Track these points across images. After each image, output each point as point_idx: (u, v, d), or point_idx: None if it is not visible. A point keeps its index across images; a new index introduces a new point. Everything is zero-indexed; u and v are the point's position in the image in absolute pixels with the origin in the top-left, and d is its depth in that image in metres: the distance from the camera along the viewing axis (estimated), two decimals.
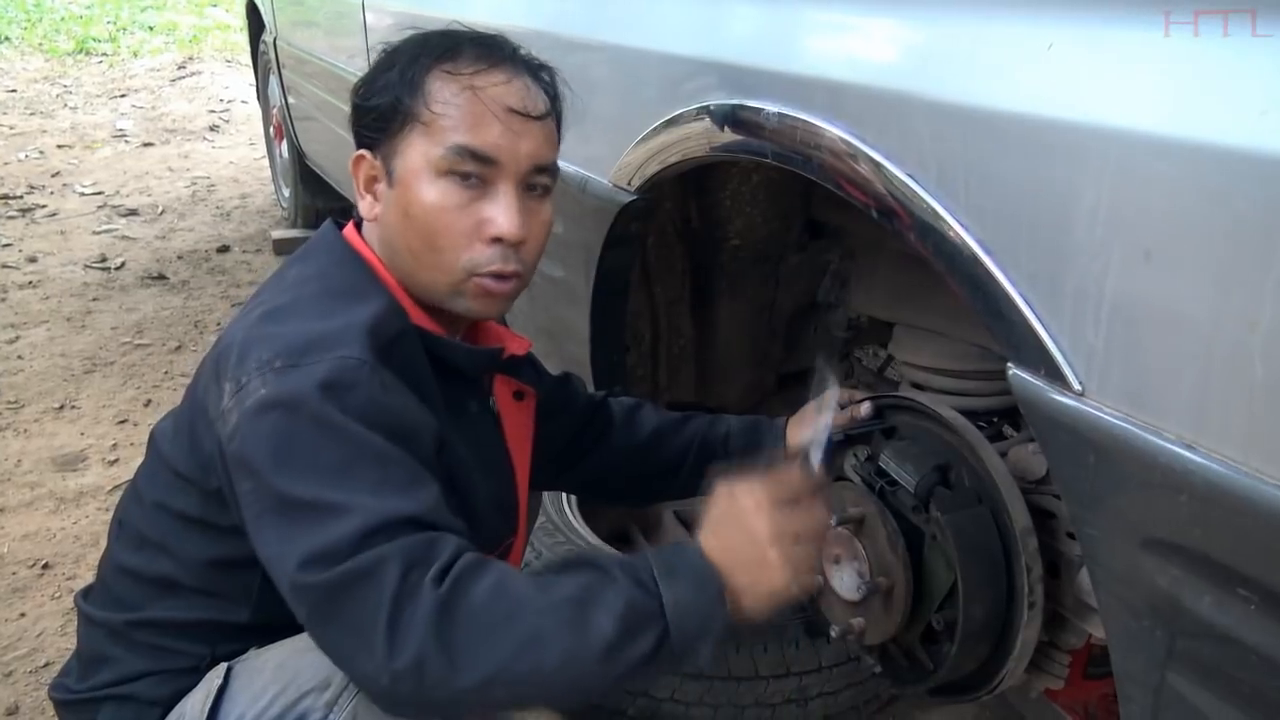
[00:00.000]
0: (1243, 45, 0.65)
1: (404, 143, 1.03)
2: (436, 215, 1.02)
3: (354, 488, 0.87)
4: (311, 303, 0.99)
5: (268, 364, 0.91)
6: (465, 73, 1.02)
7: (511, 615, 0.85)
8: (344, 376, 0.90)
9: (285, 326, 0.95)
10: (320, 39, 3.17)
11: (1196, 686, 0.73)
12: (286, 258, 1.15)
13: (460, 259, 1.03)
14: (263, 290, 1.08)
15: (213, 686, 0.99)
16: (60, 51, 8.15)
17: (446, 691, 0.83)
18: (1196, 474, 0.68)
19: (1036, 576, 1.10)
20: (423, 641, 0.82)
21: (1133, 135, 0.70)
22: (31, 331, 3.32)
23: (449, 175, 1.01)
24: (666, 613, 0.86)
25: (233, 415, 0.91)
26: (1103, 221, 0.72)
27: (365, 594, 0.84)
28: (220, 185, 5.17)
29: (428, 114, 1.02)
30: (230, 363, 0.94)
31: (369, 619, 0.83)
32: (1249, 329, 0.64)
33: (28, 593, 2.02)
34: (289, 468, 0.88)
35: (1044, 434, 0.81)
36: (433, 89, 1.02)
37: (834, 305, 1.71)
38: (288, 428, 0.88)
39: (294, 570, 0.86)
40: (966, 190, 0.83)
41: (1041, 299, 0.78)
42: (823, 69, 1.00)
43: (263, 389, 0.90)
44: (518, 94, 1.04)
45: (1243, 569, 0.67)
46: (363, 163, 1.07)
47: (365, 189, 1.08)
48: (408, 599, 0.83)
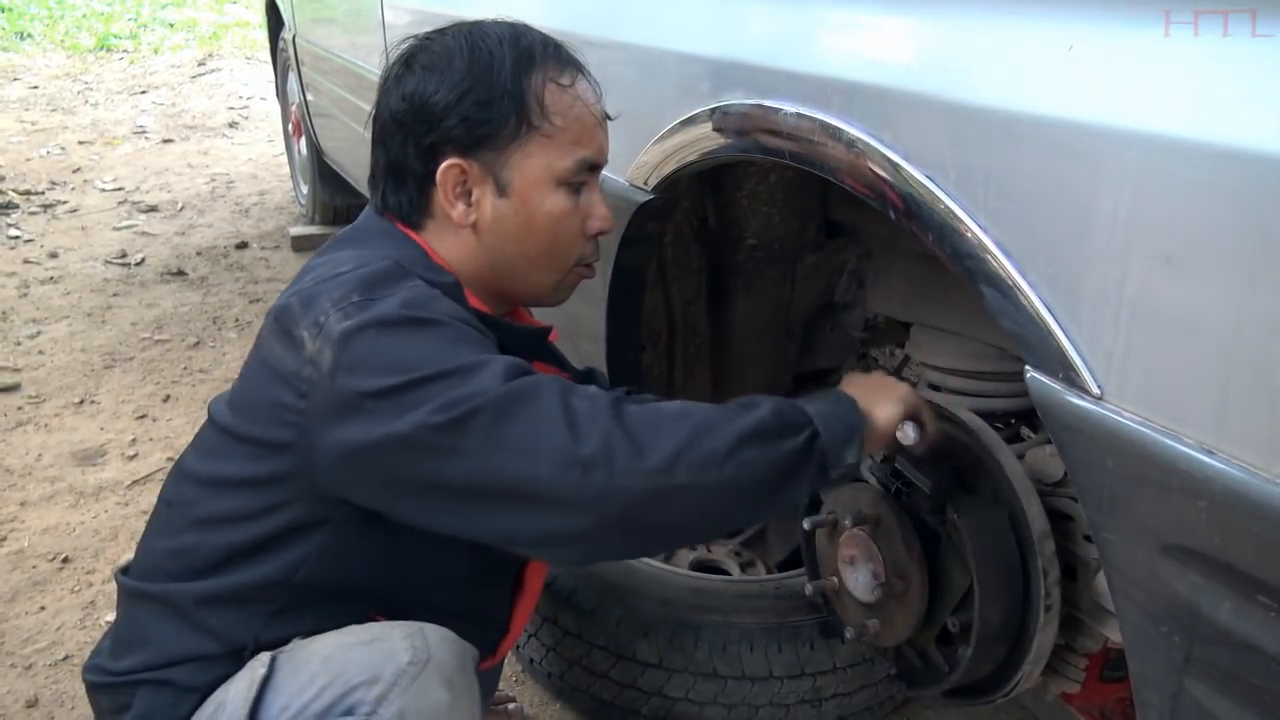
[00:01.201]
0: (1268, 48, 0.64)
1: (519, 153, 1.06)
2: (560, 223, 1.09)
3: (471, 353, 0.93)
4: (377, 262, 1.01)
5: (343, 299, 0.94)
6: (569, 83, 1.08)
7: (681, 410, 0.95)
8: (420, 296, 0.95)
9: (352, 273, 0.98)
10: (339, 36, 3.18)
11: (1215, 694, 0.73)
12: (324, 244, 1.14)
13: (570, 256, 1.13)
14: (313, 269, 1.06)
15: (257, 675, 0.98)
16: (81, 48, 8.21)
17: (636, 476, 0.88)
18: (1216, 480, 0.67)
19: (1053, 580, 1.10)
20: (607, 430, 0.89)
21: (1154, 138, 0.69)
22: (52, 326, 3.35)
23: (567, 185, 1.08)
24: (814, 419, 0.97)
25: (325, 352, 0.92)
26: (1123, 225, 0.72)
27: (533, 405, 0.89)
28: (239, 182, 5.19)
29: (549, 127, 1.06)
30: (297, 315, 0.96)
31: (545, 422, 0.89)
32: (1271, 334, 0.63)
33: (47, 586, 2.04)
34: (404, 364, 0.90)
35: (1062, 438, 0.80)
36: (551, 101, 1.06)
37: (851, 305, 1.71)
38: (385, 339, 0.92)
39: (442, 416, 0.88)
40: (985, 192, 0.83)
41: (1060, 302, 0.78)
42: (840, 69, 1.00)
43: (346, 320, 0.92)
44: (599, 99, 1.13)
45: (1263, 576, 0.67)
46: (454, 171, 1.06)
47: (456, 196, 1.08)
48: (579, 404, 0.91)
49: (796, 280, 1.68)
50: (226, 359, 3.13)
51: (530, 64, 1.06)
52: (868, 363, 1.69)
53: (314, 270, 1.05)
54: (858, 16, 1.02)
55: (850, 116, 0.97)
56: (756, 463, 0.93)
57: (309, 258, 1.12)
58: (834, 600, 1.35)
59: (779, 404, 0.97)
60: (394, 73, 1.10)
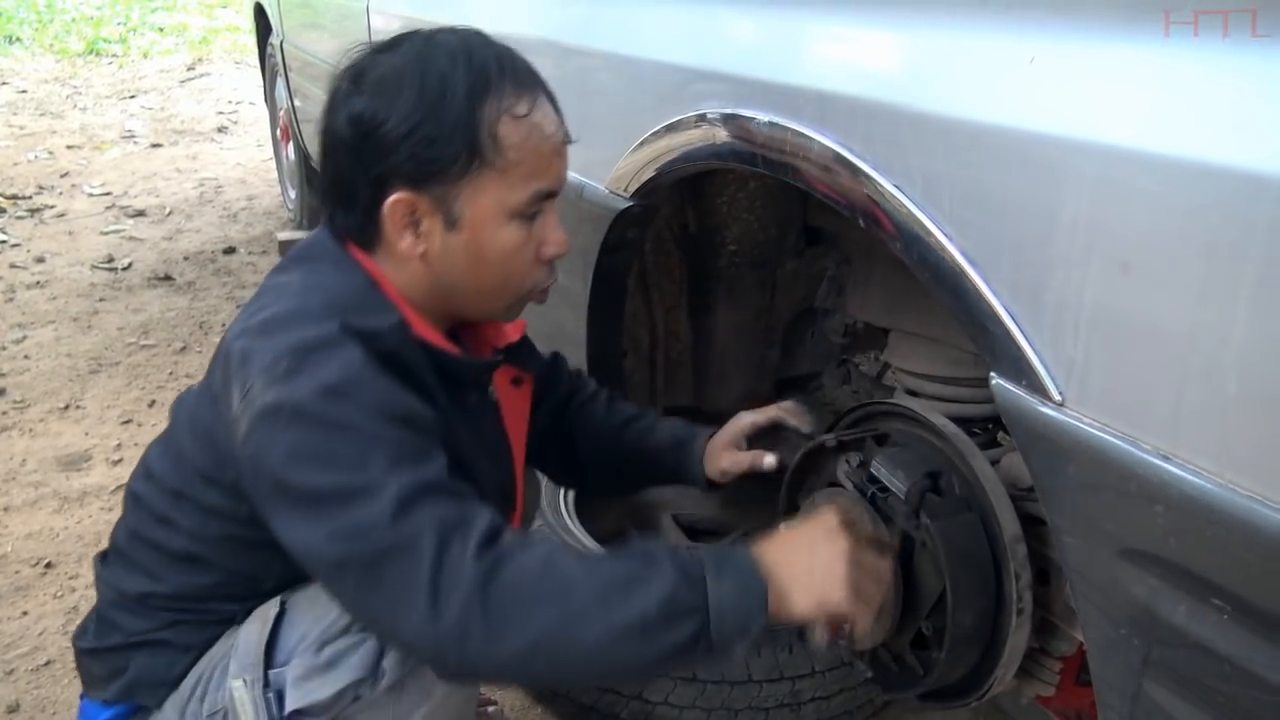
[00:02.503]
0: (1217, 61, 0.66)
1: (470, 187, 1.01)
2: (513, 255, 1.05)
3: (370, 471, 0.90)
4: (316, 312, 0.98)
5: (270, 367, 0.93)
6: (525, 113, 1.02)
7: (555, 590, 0.89)
8: (346, 377, 0.92)
9: (287, 333, 0.96)
10: (326, 42, 3.18)
11: (1172, 695, 0.74)
12: (282, 259, 1.14)
13: (525, 284, 1.09)
14: (265, 294, 1.06)
15: (269, 614, 1.03)
16: (71, 52, 8.19)
17: (489, 660, 0.88)
18: (1172, 485, 0.69)
19: (1025, 583, 1.11)
20: (466, 604, 0.86)
21: (1111, 149, 0.70)
22: (38, 331, 3.35)
23: (520, 217, 1.04)
24: (710, 608, 0.90)
25: (243, 420, 0.93)
26: (1082, 233, 0.73)
27: (405, 562, 0.88)
28: (227, 187, 5.19)
29: (502, 161, 1.01)
30: (235, 370, 0.96)
31: (412, 584, 0.87)
32: (1222, 342, 0.64)
33: (30, 591, 2.04)
34: (305, 466, 0.90)
35: (1025, 443, 0.81)
36: (504, 135, 1.00)
37: (831, 311, 1.72)
38: (298, 430, 0.91)
39: (327, 551, 0.90)
40: (950, 201, 0.84)
41: (1023, 310, 0.79)
42: (811, 79, 1.01)
43: (267, 394, 0.91)
44: (558, 121, 1.07)
45: (1217, 579, 0.68)
46: (401, 204, 1.01)
47: (402, 228, 1.03)
48: (450, 565, 0.88)
49: (777, 286, 1.70)
50: None
51: (484, 93, 1.00)
52: (847, 370, 1.70)
53: (263, 297, 1.04)
54: (830, 28, 1.04)
55: (821, 126, 0.98)
56: (628, 654, 0.90)
57: (265, 278, 1.11)
58: None
59: (673, 585, 0.90)
60: (342, 89, 1.04)
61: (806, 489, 1.36)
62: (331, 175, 1.07)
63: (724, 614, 0.91)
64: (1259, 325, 0.63)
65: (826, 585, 0.95)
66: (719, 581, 0.92)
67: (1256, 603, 0.66)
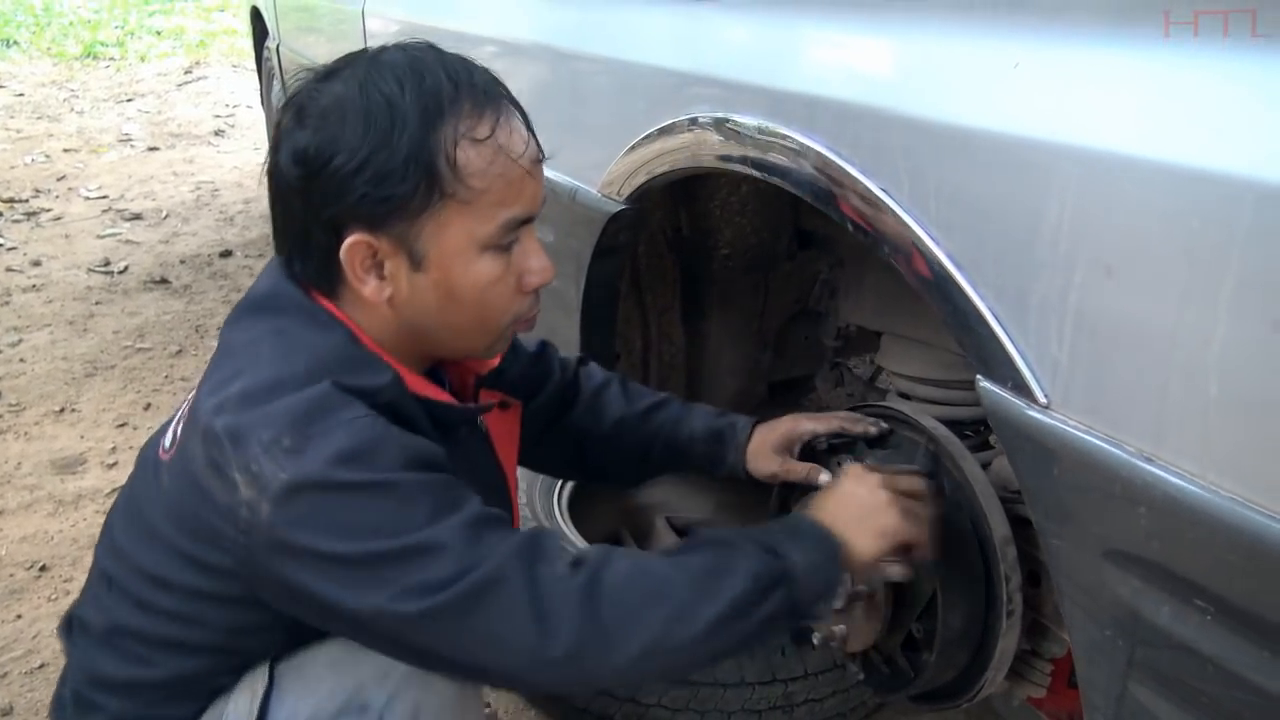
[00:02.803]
0: (1199, 67, 0.66)
1: (434, 223, 0.92)
2: (488, 290, 0.97)
3: (420, 524, 0.86)
4: (301, 376, 0.92)
5: (274, 444, 0.86)
6: (487, 135, 0.93)
7: (654, 590, 0.90)
8: (361, 440, 0.87)
9: (276, 402, 0.89)
10: (322, 45, 3.19)
11: (1156, 696, 0.75)
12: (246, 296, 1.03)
13: (506, 318, 1.01)
14: (233, 355, 0.97)
15: (258, 689, 0.97)
16: (68, 56, 8.20)
17: (607, 669, 0.88)
18: (1155, 486, 0.69)
19: (1015, 585, 1.11)
20: (578, 626, 0.86)
21: (1094, 153, 0.71)
22: (34, 335, 3.35)
23: (493, 248, 0.96)
24: (793, 573, 0.94)
25: (261, 506, 0.86)
26: (1066, 237, 0.73)
27: (499, 597, 0.86)
28: (224, 190, 5.19)
29: (465, 191, 0.92)
30: (226, 452, 0.88)
31: (512, 619, 0.86)
32: (1204, 344, 0.65)
33: (24, 594, 2.04)
34: (350, 537, 0.86)
35: (1011, 446, 0.82)
36: (465, 162, 0.91)
37: (823, 314, 1.73)
38: (328, 505, 0.86)
39: (405, 609, 0.85)
40: (937, 205, 0.84)
41: (1008, 312, 0.79)
42: (801, 84, 1.02)
43: (282, 473, 0.85)
44: (526, 138, 0.97)
45: (1199, 580, 0.68)
46: (360, 247, 0.93)
47: (364, 272, 0.95)
48: (547, 587, 0.87)
49: (770, 290, 1.70)
50: None
51: (438, 116, 0.91)
52: (840, 373, 1.71)
53: (233, 360, 0.96)
54: (819, 34, 1.04)
55: (810, 130, 0.99)
56: (732, 636, 0.92)
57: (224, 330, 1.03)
58: None
59: (755, 562, 0.93)
60: (284, 125, 0.95)
61: (798, 491, 1.37)
62: (282, 219, 0.99)
63: (807, 576, 0.95)
64: (1240, 328, 0.63)
65: (879, 518, 1.01)
66: (795, 548, 0.96)
67: (1238, 603, 0.67)
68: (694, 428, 1.31)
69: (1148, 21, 0.70)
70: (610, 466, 1.37)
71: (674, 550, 0.99)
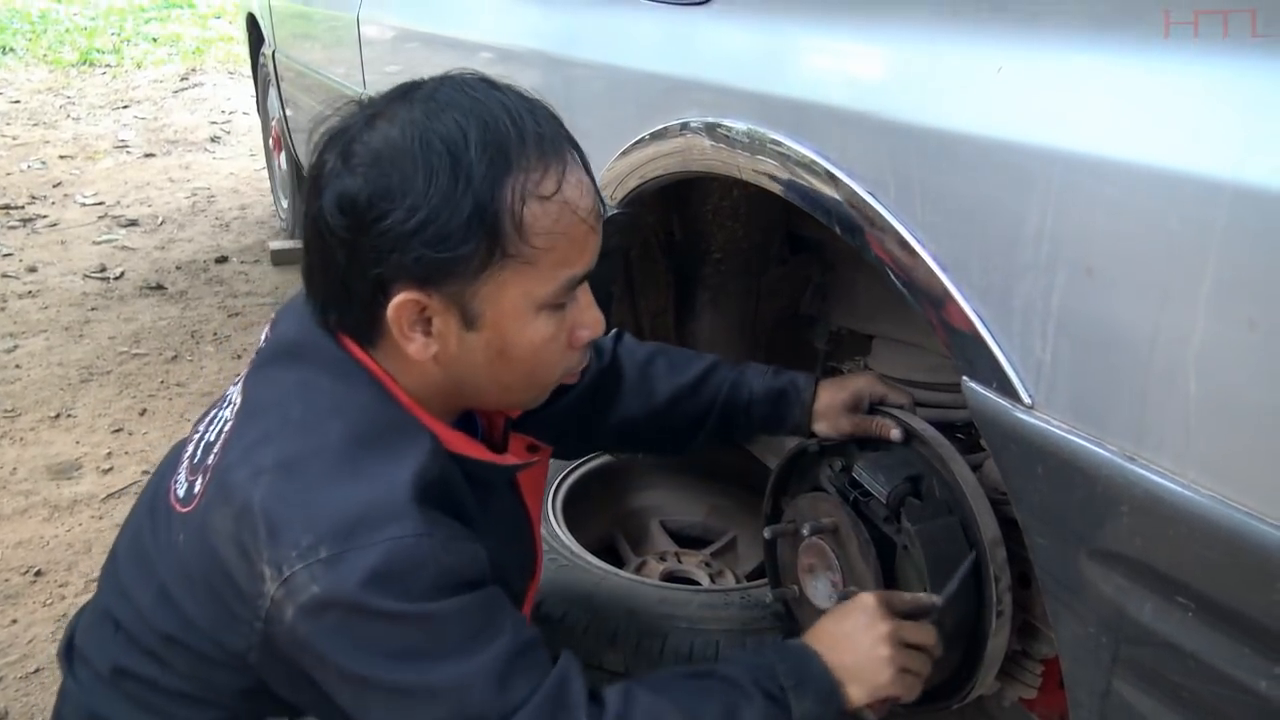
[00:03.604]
0: (1177, 71, 0.67)
1: (493, 283, 0.87)
2: (543, 348, 0.92)
3: (449, 656, 0.85)
4: (340, 455, 0.87)
5: (310, 551, 0.83)
6: (553, 191, 0.87)
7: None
8: (401, 563, 0.83)
9: (317, 493, 0.85)
10: (317, 52, 3.20)
11: (1140, 693, 0.75)
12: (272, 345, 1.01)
13: (554, 375, 0.98)
14: (264, 411, 0.94)
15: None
16: (64, 63, 8.20)
17: None
18: (1136, 485, 0.70)
19: (1005, 586, 1.12)
20: None
21: (1075, 156, 0.72)
22: (30, 341, 3.35)
23: (551, 307, 0.91)
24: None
25: (287, 608, 0.84)
26: (1048, 239, 0.74)
27: None
28: (220, 196, 5.20)
29: (529, 251, 0.86)
30: (260, 540, 0.85)
31: None
32: (1182, 344, 0.66)
33: (20, 600, 2.04)
34: (375, 662, 0.84)
35: (996, 446, 0.83)
36: (531, 221, 0.86)
37: (815, 318, 1.73)
38: (357, 625, 0.84)
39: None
40: (922, 207, 0.85)
41: (993, 314, 0.80)
42: (788, 88, 1.03)
43: (314, 586, 0.82)
44: (588, 189, 0.92)
45: (1181, 578, 0.69)
46: (410, 306, 0.88)
47: (410, 329, 0.89)
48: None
49: (761, 293, 1.71)
50: (204, 373, 3.13)
51: (505, 172, 0.84)
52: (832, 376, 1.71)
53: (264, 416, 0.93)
54: (806, 39, 1.05)
55: (798, 134, 1.00)
56: None
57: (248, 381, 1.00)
58: (795, 608, 1.37)
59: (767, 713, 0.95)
60: (330, 166, 0.88)
61: (790, 493, 1.37)
62: (320, 266, 0.92)
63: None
64: (1218, 328, 0.64)
65: (875, 674, 1.01)
66: (801, 700, 0.96)
67: (1218, 600, 0.67)
68: (753, 389, 1.28)
69: (1126, 26, 0.71)
70: (665, 439, 1.35)
71: (688, 680, 0.98)
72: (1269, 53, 0.62)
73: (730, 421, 1.30)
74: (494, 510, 1.04)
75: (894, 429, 1.21)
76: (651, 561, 1.83)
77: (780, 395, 1.28)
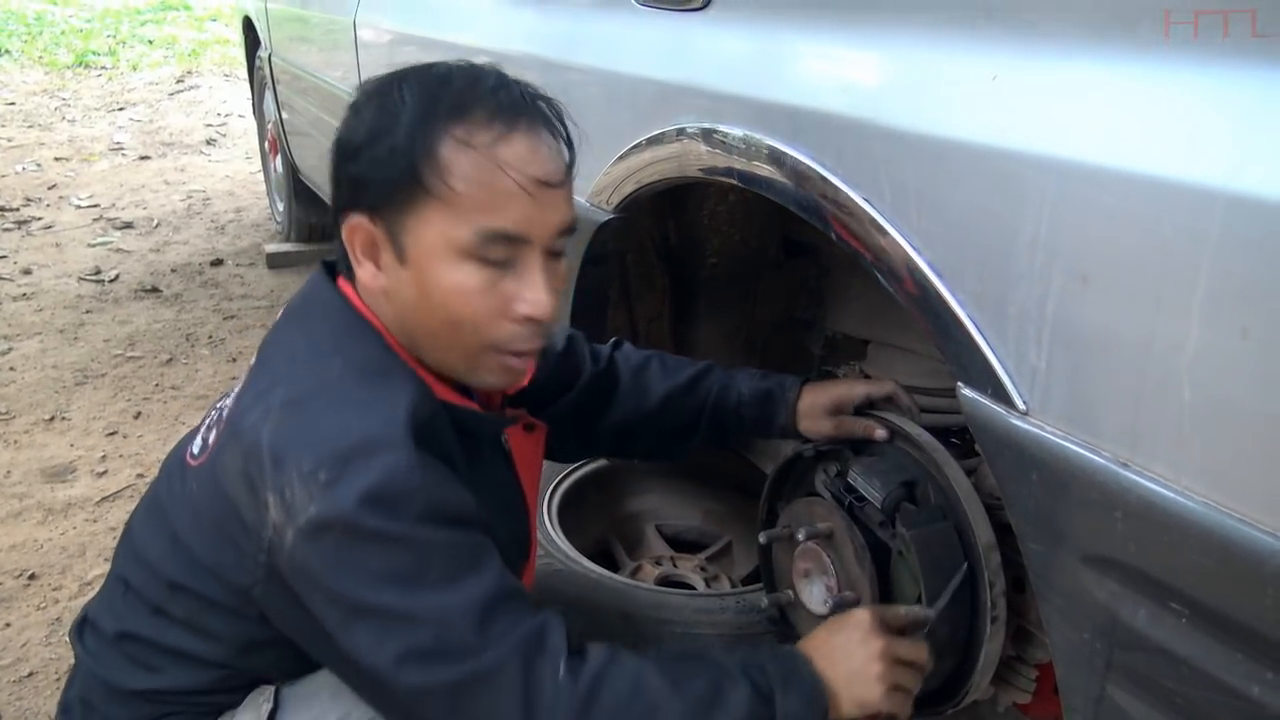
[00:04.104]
0: (1172, 80, 0.68)
1: (416, 218, 0.92)
2: (461, 298, 0.94)
3: (432, 587, 0.88)
4: (340, 390, 0.94)
5: (311, 475, 0.87)
6: (484, 141, 0.91)
7: (649, 714, 0.91)
8: (393, 486, 0.87)
9: (319, 425, 0.91)
10: (314, 55, 3.20)
11: (1134, 698, 0.76)
12: (285, 307, 1.08)
13: (483, 339, 0.97)
14: (272, 358, 1.01)
15: (262, 711, 0.99)
16: (60, 65, 8.19)
17: None
18: (1130, 491, 0.70)
19: (999, 591, 1.12)
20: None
21: (1070, 164, 0.72)
22: (24, 343, 3.34)
23: (477, 259, 0.93)
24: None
25: (287, 532, 0.88)
26: (1043, 246, 0.75)
27: (492, 691, 0.87)
28: (215, 199, 5.19)
29: (445, 189, 0.91)
30: (265, 470, 0.90)
31: (503, 713, 0.87)
32: (1176, 351, 0.66)
33: (13, 603, 2.04)
34: (363, 583, 0.87)
35: (991, 452, 0.83)
36: (449, 160, 0.91)
37: (811, 322, 1.74)
38: (350, 545, 0.87)
39: (402, 677, 0.88)
40: (918, 214, 0.86)
41: (988, 320, 0.81)
42: (785, 95, 1.03)
43: (312, 506, 0.87)
44: (541, 159, 0.94)
45: (1174, 583, 0.70)
46: (359, 229, 0.96)
47: (364, 255, 0.97)
48: (542, 694, 0.88)
49: (757, 298, 1.71)
50: (199, 376, 3.13)
51: (435, 115, 0.92)
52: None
53: (271, 363, 1.00)
54: (803, 45, 1.06)
55: (794, 140, 1.00)
56: None
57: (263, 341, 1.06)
58: (790, 613, 1.37)
59: (749, 703, 0.94)
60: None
61: (785, 498, 1.38)
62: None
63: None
64: (1211, 335, 0.64)
65: (866, 689, 1.00)
66: (786, 697, 0.96)
67: (1212, 606, 0.68)
68: (741, 391, 1.30)
69: (1122, 34, 0.71)
70: (660, 443, 1.36)
71: (676, 659, 0.99)
72: (1263, 61, 0.63)
73: (721, 423, 1.32)
74: (485, 473, 1.07)
75: (878, 429, 1.22)
76: (647, 566, 1.83)
77: (766, 396, 1.30)
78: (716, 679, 0.95)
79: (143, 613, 1.03)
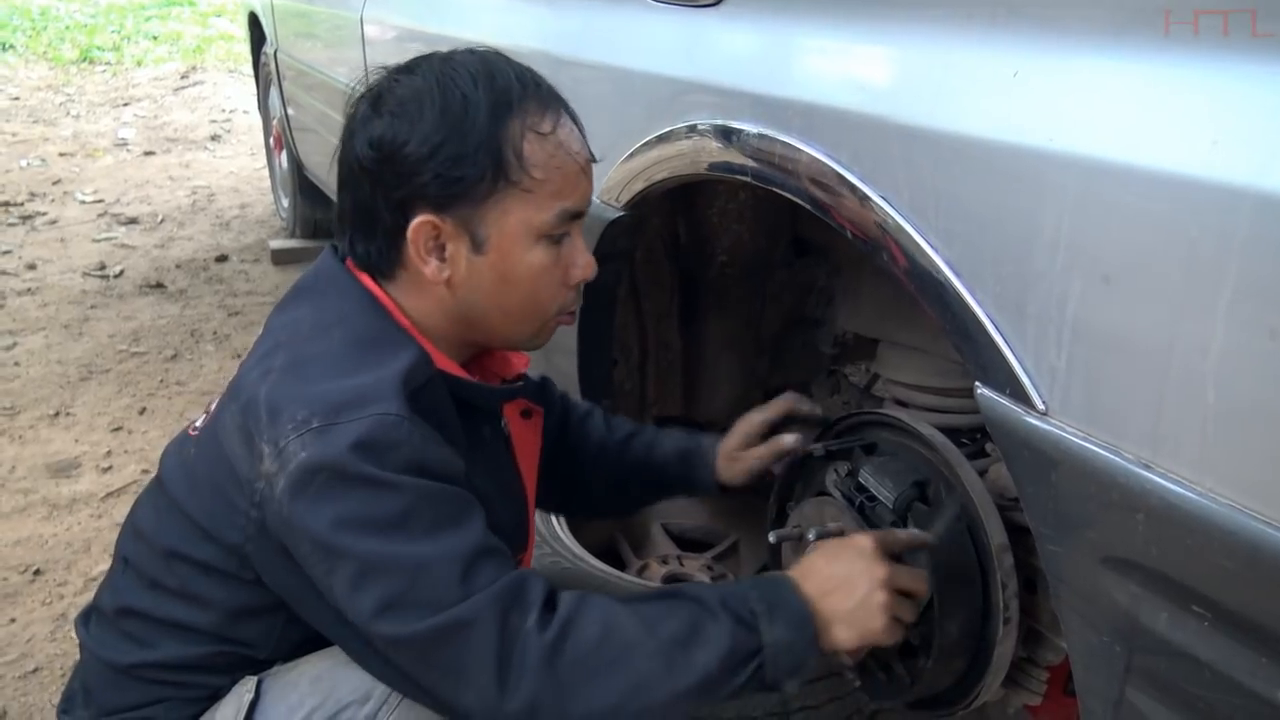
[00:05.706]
0: (1197, 76, 0.67)
1: (496, 208, 0.98)
2: (540, 277, 1.02)
3: (415, 537, 0.90)
4: (339, 354, 0.98)
5: (304, 424, 0.91)
6: (549, 130, 1.00)
7: (620, 658, 0.91)
8: (382, 435, 0.90)
9: (315, 382, 0.94)
10: (319, 51, 3.20)
11: (1154, 702, 0.75)
12: (292, 286, 1.11)
13: (549, 308, 1.06)
14: (275, 331, 1.04)
15: (244, 701, 1.01)
16: (64, 60, 8.19)
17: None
18: (1153, 493, 0.69)
19: (1011, 592, 1.11)
20: (537, 685, 0.88)
21: (1092, 162, 0.71)
22: (29, 338, 3.34)
23: (548, 238, 1.01)
24: (765, 651, 0.94)
25: (278, 480, 0.91)
26: (1064, 246, 0.74)
27: (467, 642, 0.88)
28: (220, 195, 5.19)
29: (529, 180, 0.98)
30: (261, 422, 0.93)
31: (475, 664, 0.88)
32: (1200, 352, 0.65)
33: (18, 599, 2.03)
34: (347, 528, 0.89)
35: (1009, 452, 0.82)
36: (530, 153, 0.98)
37: (820, 321, 1.73)
38: (337, 490, 0.89)
39: (381, 626, 0.89)
40: (936, 213, 0.85)
41: (1007, 320, 0.80)
42: (800, 92, 1.02)
43: (303, 451, 0.90)
44: (582, 140, 1.05)
45: (1197, 587, 0.69)
46: (426, 228, 0.99)
47: (428, 252, 1.00)
48: (515, 642, 0.89)
49: (767, 297, 1.71)
50: (204, 371, 3.13)
51: (507, 111, 0.98)
52: (837, 380, 1.71)
53: (274, 335, 1.03)
54: (818, 42, 1.05)
55: (809, 138, 0.99)
56: (696, 702, 0.93)
57: (273, 312, 1.09)
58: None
59: (729, 638, 0.93)
60: (360, 113, 1.02)
61: (795, 498, 1.37)
62: (351, 202, 1.04)
63: (779, 656, 0.95)
64: (1237, 336, 0.64)
65: (867, 619, 0.98)
66: (772, 625, 0.95)
67: (1236, 609, 0.67)
68: (665, 450, 1.34)
69: (1145, 29, 0.70)
70: (596, 495, 1.38)
71: (652, 598, 0.98)
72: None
73: (652, 482, 1.35)
74: (486, 454, 1.10)
75: (786, 437, 1.25)
76: (653, 564, 1.83)
77: (686, 455, 1.33)
78: (694, 615, 0.94)
79: (140, 586, 1.06)
